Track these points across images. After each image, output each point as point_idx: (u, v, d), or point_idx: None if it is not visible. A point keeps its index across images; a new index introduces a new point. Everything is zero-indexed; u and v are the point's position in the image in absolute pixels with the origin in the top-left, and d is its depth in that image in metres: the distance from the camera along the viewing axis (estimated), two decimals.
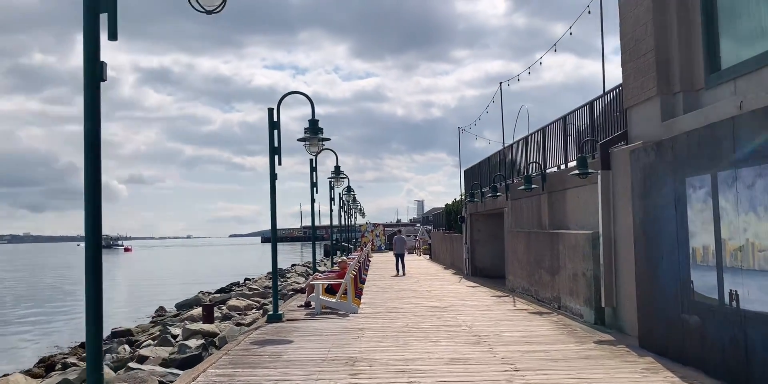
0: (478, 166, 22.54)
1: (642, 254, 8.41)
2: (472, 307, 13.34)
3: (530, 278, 14.75)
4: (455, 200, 28.87)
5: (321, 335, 9.95)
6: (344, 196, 30.80)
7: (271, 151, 11.78)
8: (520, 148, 16.57)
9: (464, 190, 25.38)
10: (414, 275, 24.07)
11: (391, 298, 15.57)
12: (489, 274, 22.54)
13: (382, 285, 19.61)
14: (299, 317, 12.17)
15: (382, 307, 13.66)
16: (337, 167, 20.14)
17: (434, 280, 21.56)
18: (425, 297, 15.60)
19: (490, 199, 19.65)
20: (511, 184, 17.22)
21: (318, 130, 12.11)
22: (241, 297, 20.15)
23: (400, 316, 12.05)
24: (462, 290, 17.33)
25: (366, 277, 22.94)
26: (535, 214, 14.91)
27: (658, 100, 8.98)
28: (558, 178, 13.33)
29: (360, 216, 48.97)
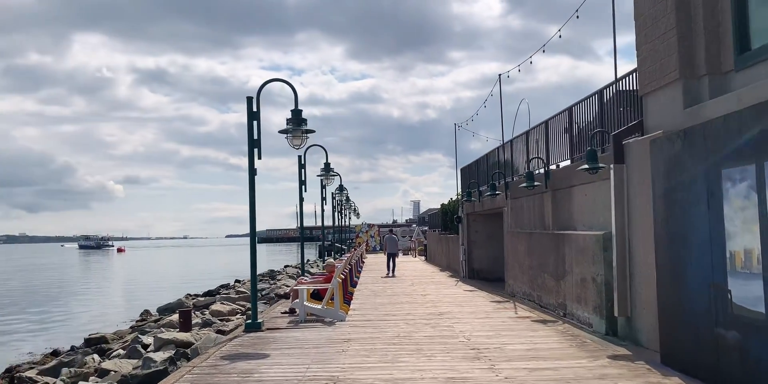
0: (476, 164, 21.53)
1: (665, 258, 7.38)
2: (470, 314, 12.31)
3: (532, 283, 13.73)
4: (452, 200, 27.86)
5: (302, 348, 8.90)
6: (337, 195, 29.77)
7: (250, 144, 10.76)
8: (521, 143, 15.56)
9: (461, 189, 24.36)
10: (408, 278, 23.04)
11: (383, 303, 14.53)
12: (487, 276, 21.53)
13: (375, 288, 18.57)
14: (281, 326, 11.11)
15: (373, 313, 12.62)
16: (326, 164, 19.14)
17: (430, 283, 20.54)
18: (419, 302, 14.57)
19: (488, 199, 18.63)
20: (511, 183, 16.20)
21: (302, 120, 10.94)
22: (226, 301, 19.08)
23: (392, 324, 11.01)
24: (459, 295, 16.30)
25: (358, 279, 21.89)
26: (537, 214, 13.89)
27: (680, 84, 7.95)
28: (563, 174, 12.32)
29: (354, 216, 47.95)
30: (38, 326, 24.33)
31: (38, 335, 22.02)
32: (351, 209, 41.12)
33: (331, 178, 19.18)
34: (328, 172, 18.34)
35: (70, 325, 23.91)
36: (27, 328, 24.13)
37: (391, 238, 25.74)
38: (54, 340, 20.78)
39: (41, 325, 24.71)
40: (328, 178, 18.91)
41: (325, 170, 18.54)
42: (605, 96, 10.92)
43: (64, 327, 23.59)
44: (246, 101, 10.76)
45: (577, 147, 11.96)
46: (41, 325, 24.71)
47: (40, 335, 21.98)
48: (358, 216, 49.40)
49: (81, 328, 21.87)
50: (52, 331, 22.85)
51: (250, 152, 10.78)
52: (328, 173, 18.36)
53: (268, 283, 25.93)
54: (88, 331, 20.76)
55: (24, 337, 22.03)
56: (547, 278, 12.59)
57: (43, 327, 24.06)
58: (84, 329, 21.31)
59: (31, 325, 24.70)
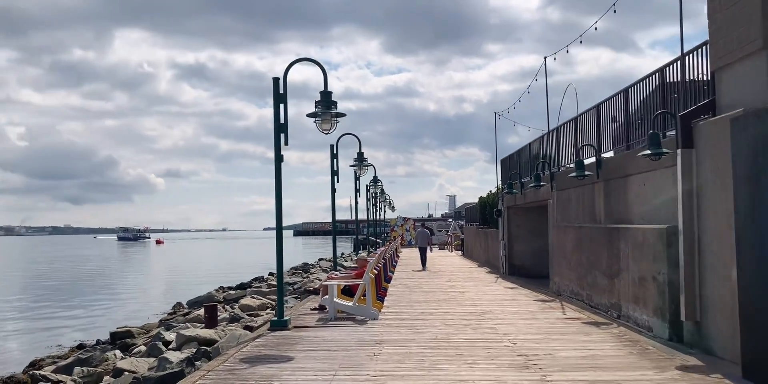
0: (517, 155, 20.43)
1: (749, 256, 6.33)
2: (513, 314, 11.35)
3: (581, 281, 12.68)
4: (490, 193, 26.77)
5: (329, 350, 8.09)
6: (371, 187, 28.94)
7: (276, 129, 9.93)
8: (568, 130, 14.46)
9: (501, 182, 23.28)
10: (445, 273, 22.12)
11: (418, 300, 13.66)
12: (528, 273, 20.46)
13: (410, 284, 17.71)
14: (309, 324, 10.34)
15: (408, 312, 11.76)
16: (360, 154, 18.22)
17: (468, 279, 19.58)
18: (458, 300, 13.65)
19: (531, 191, 17.57)
20: (557, 173, 15.12)
21: (331, 103, 10.05)
22: (257, 295, 18.44)
23: (428, 324, 10.13)
24: (500, 292, 15.33)
25: (393, 274, 21.07)
26: (586, 206, 12.82)
27: (763, 55, 6.88)
28: (617, 162, 11.24)
29: (389, 210, 47.07)
30: (74, 318, 24.17)
31: (73, 327, 21.81)
32: (386, 202, 40.26)
33: (364, 168, 18.26)
34: (362, 162, 17.37)
35: (104, 317, 23.68)
36: (65, 318, 23.99)
37: (422, 232, 25.36)
38: (90, 330, 20.53)
39: (78, 316, 24.56)
40: (361, 169, 17.98)
41: (359, 160, 17.64)
42: (667, 75, 9.81)
43: (99, 319, 23.35)
44: (272, 83, 9.97)
45: (634, 133, 10.87)
46: (78, 316, 24.56)
47: (75, 327, 21.77)
48: (393, 209, 48.57)
49: (115, 321, 21.57)
50: (87, 323, 22.64)
51: (276, 137, 9.99)
52: (361, 163, 17.39)
53: (300, 276, 25.29)
54: (122, 323, 20.44)
55: (59, 328, 21.84)
56: (599, 276, 11.54)
57: (80, 318, 23.89)
58: (117, 322, 20.99)
59: (69, 316, 24.57)
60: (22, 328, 22.00)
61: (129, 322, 20.25)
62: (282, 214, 10.12)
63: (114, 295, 32.18)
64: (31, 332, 21.06)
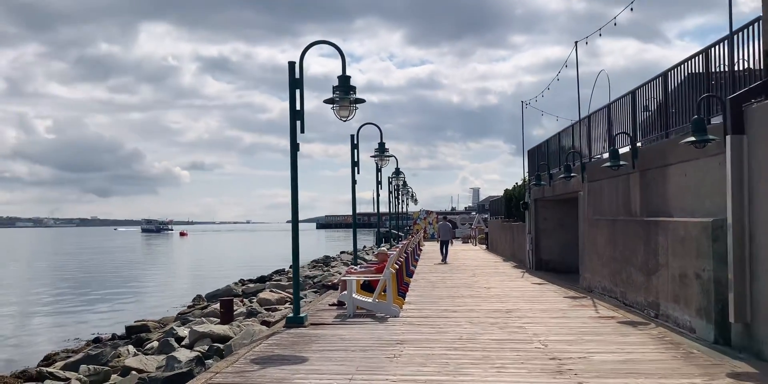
0: (545, 145, 19.70)
1: None
2: (542, 311, 10.73)
3: (615, 277, 12.01)
4: (516, 185, 26.05)
5: (346, 350, 7.58)
6: (393, 179, 28.38)
7: (292, 116, 9.39)
8: (601, 119, 13.73)
9: (528, 173, 22.57)
10: (469, 268, 21.52)
11: (442, 296, 13.10)
12: (556, 268, 19.78)
13: (433, 279, 17.15)
14: (326, 320, 9.84)
15: (431, 308, 11.21)
16: (381, 144, 17.56)
17: (493, 274, 18.96)
18: (483, 296, 13.06)
19: (560, 182, 16.87)
20: (588, 163, 14.41)
21: (349, 88, 9.31)
22: (276, 288, 18.03)
23: (452, 322, 9.57)
24: (527, 288, 14.70)
25: (415, 268, 20.52)
26: (621, 198, 12.12)
27: None
28: (655, 151, 10.53)
29: (412, 202, 46.46)
30: (94, 312, 24.05)
31: (93, 320, 21.65)
32: (408, 195, 39.67)
33: (386, 159, 17.68)
34: (383, 153, 16.70)
35: (124, 310, 23.49)
36: (86, 312, 23.88)
37: (444, 226, 25.36)
38: (110, 323, 20.34)
39: (98, 310, 24.43)
40: (382, 160, 17.40)
41: (380, 150, 17.07)
42: (712, 57, 9.07)
43: (120, 312, 23.17)
44: (288, 67, 9.44)
45: (674, 119, 10.15)
46: (98, 310, 24.43)
47: (94, 320, 21.60)
48: (416, 202, 47.92)
49: (134, 314, 21.36)
50: (108, 316, 22.47)
51: (292, 125, 9.47)
52: (382, 154, 16.73)
53: (321, 269, 24.87)
54: (142, 316, 20.22)
55: (80, 321, 21.71)
56: (634, 272, 10.87)
57: (100, 313, 23.75)
58: (137, 314, 20.78)
59: (90, 309, 24.47)
60: (44, 322, 21.91)
61: (149, 315, 20.04)
62: (298, 204, 9.62)
63: (136, 287, 32.14)
64: (53, 325, 20.94)
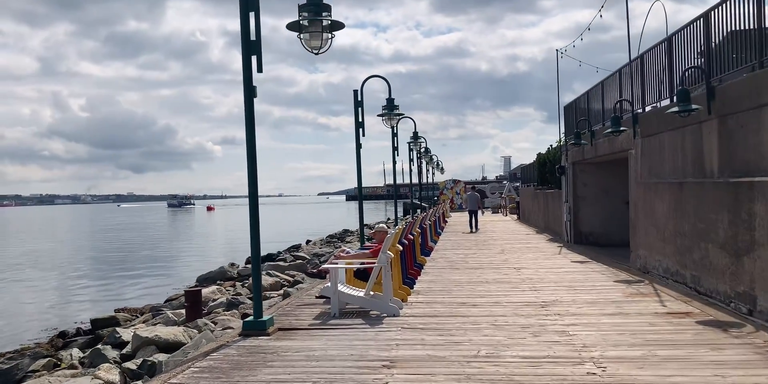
0: (585, 98, 16.78)
1: None
2: (590, 305, 8.14)
3: (683, 257, 9.31)
4: (551, 148, 23.13)
5: (305, 382, 5.13)
6: (413, 146, 25.87)
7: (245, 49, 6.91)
8: (658, 56, 10.85)
9: (564, 133, 19.69)
10: (498, 242, 18.94)
11: (460, 282, 10.57)
12: (598, 241, 17.10)
13: (454, 257, 14.62)
14: (302, 323, 7.41)
15: (443, 301, 8.71)
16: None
17: (525, 250, 16.35)
18: (513, 281, 10.49)
19: (604, 140, 14.07)
20: (642, 114, 11.59)
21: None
22: (274, 270, 15.70)
23: (469, 325, 7.06)
24: (567, 269, 12.08)
25: (435, 244, 18.01)
26: (690, 155, 9.34)
27: None
28: (744, 88, 7.71)
29: (438, 172, 43.68)
30: (81, 295, 22.12)
31: (76, 306, 19.67)
32: (432, 163, 36.90)
33: (395, 118, 15.23)
34: (392, 110, 15.28)
35: (113, 293, 21.53)
36: (77, 295, 22.02)
37: (472, 196, 25.07)
38: (92, 308, 18.37)
39: (85, 293, 22.52)
40: (391, 118, 15.29)
41: (388, 107, 14.70)
42: None
43: (107, 295, 21.22)
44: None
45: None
46: (85, 293, 22.52)
47: (77, 306, 19.61)
48: (442, 171, 45.09)
49: (120, 301, 19.33)
50: (94, 300, 20.55)
51: (245, 60, 6.91)
52: (391, 112, 15.22)
53: (333, 246, 22.48)
54: (129, 302, 18.21)
55: (64, 304, 19.82)
56: (714, 252, 8.18)
57: (96, 294, 21.85)
58: (123, 301, 18.78)
59: (78, 293, 22.59)
60: (37, 305, 20.02)
61: (137, 301, 17.99)
62: (256, 169, 7.14)
63: (139, 267, 30.13)
64: (41, 310, 19.02)
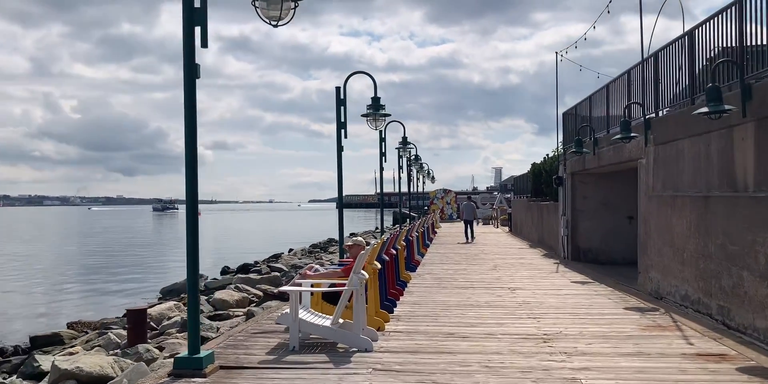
0: (588, 104, 15.52)
1: None
2: (601, 340, 6.79)
3: (707, 283, 8.01)
4: (547, 157, 21.87)
5: None
6: (401, 151, 24.57)
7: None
8: (677, 53, 9.59)
9: (563, 141, 18.42)
10: (489, 256, 17.62)
11: (448, 304, 9.22)
12: (598, 258, 15.82)
13: (442, 274, 13.27)
14: (250, 360, 6.01)
15: (427, 331, 7.34)
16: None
17: (518, 266, 15.02)
18: (508, 306, 9.13)
19: (609, 150, 12.81)
20: (656, 119, 10.32)
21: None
22: (243, 284, 14.28)
23: (457, 367, 5.69)
24: (567, 290, 10.75)
25: (422, 257, 16.67)
26: (716, 165, 8.06)
27: None
28: None
29: (429, 181, 42.37)
30: (34, 305, 20.50)
31: (25, 319, 18.04)
32: (422, 171, 35.60)
33: (381, 119, 13.97)
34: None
35: (69, 304, 19.93)
36: (35, 304, 20.43)
37: (468, 205, 24.96)
38: (46, 320, 16.84)
39: (40, 302, 20.91)
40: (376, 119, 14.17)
41: (374, 107, 13.42)
42: None
43: (64, 305, 19.62)
44: None
45: None
46: (40, 302, 20.91)
47: (28, 320, 17.98)
48: (433, 181, 43.79)
49: (77, 311, 17.78)
50: (50, 310, 18.97)
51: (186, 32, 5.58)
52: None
53: (314, 257, 21.08)
54: (85, 314, 16.70)
55: (15, 318, 18.25)
56: (750, 279, 6.87)
57: (53, 305, 20.26)
58: (79, 313, 17.24)
59: (33, 302, 20.99)
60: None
61: (97, 313, 16.49)
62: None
63: (106, 274, 28.31)
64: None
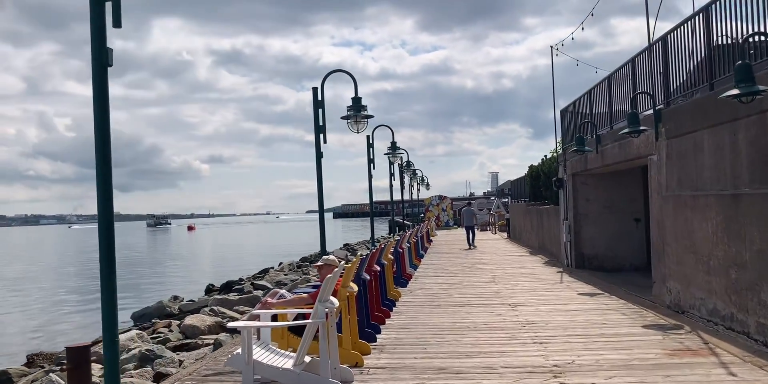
0: (587, 99, 14.39)
1: None
2: (626, 372, 5.59)
3: (741, 296, 6.83)
4: (545, 159, 20.73)
5: None
6: (390, 157, 23.54)
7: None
8: (691, 32, 8.46)
9: (561, 141, 17.29)
10: (488, 265, 16.46)
11: (442, 326, 8.02)
12: (604, 265, 14.66)
13: (435, 288, 12.08)
14: None
15: (415, 368, 6.14)
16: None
17: (519, 276, 13.83)
18: (509, 328, 7.93)
19: (613, 147, 11.68)
20: (669, 110, 9.18)
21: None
22: (219, 306, 13.04)
23: None
24: (575, 305, 9.56)
25: (416, 269, 15.47)
26: (745, 158, 6.90)
27: None
28: None
29: (424, 188, 41.23)
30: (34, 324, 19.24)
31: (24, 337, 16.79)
32: (416, 178, 34.45)
33: (363, 122, 12.97)
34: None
35: (39, 332, 18.61)
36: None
37: (468, 211, 25.07)
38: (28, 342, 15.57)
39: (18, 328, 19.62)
40: (358, 122, 13.43)
41: (355, 108, 12.42)
42: None
43: (31, 334, 18.31)
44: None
45: None
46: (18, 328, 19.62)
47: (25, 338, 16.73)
48: (427, 187, 42.67)
49: (41, 339, 16.48)
50: (29, 335, 17.70)
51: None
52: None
53: (302, 272, 19.83)
54: (52, 342, 15.42)
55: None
56: None
57: (21, 331, 18.96)
58: (44, 341, 15.96)
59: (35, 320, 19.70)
60: None
61: (59, 342, 15.15)
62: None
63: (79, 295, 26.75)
64: None
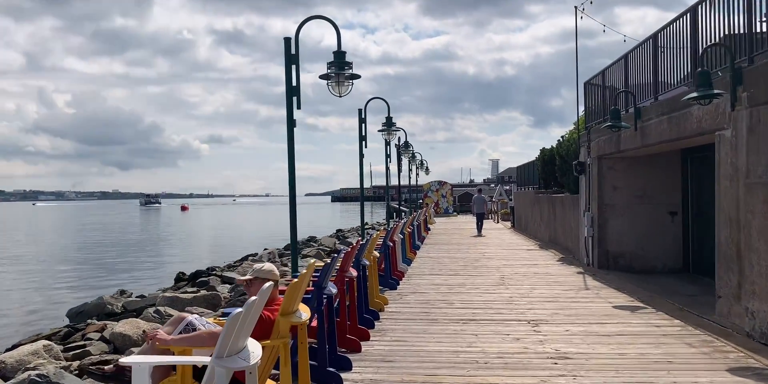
0: (622, 67, 11.96)
1: None
2: None
3: None
4: (562, 139, 18.28)
5: None
6: (384, 135, 21.21)
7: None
8: None
9: (584, 118, 14.87)
10: (493, 261, 14.22)
11: (439, 363, 5.76)
12: (632, 265, 12.39)
13: (432, 292, 9.79)
14: None
15: None
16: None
17: (532, 276, 11.55)
18: (533, 365, 5.62)
19: (660, 122, 9.30)
20: (750, 69, 6.79)
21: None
22: (170, 306, 10.76)
23: None
24: (615, 325, 7.26)
25: (409, 265, 13.17)
26: None
27: None
28: None
29: (423, 173, 38.83)
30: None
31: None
32: (415, 163, 32.06)
33: (347, 83, 10.84)
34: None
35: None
36: None
37: (479, 198, 24.98)
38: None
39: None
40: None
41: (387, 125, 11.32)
42: None
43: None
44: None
45: None
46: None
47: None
48: (427, 172, 40.26)
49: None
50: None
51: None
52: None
53: (281, 263, 17.54)
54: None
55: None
56: None
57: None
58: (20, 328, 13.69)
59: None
60: None
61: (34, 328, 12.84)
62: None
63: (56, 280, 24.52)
64: None
